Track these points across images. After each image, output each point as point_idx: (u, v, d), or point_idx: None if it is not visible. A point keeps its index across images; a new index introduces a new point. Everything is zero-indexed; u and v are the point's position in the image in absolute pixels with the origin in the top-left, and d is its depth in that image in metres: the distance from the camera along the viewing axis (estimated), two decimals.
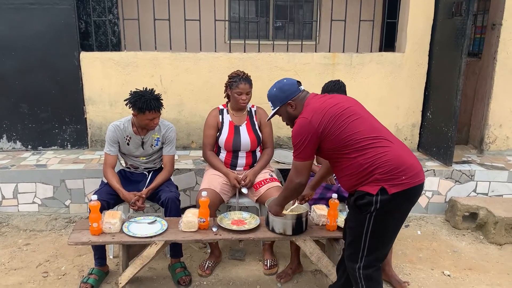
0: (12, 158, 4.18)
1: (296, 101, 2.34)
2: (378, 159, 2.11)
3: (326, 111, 2.21)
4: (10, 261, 3.20)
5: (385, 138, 2.19)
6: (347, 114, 2.21)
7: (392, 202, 2.10)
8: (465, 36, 3.80)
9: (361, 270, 2.25)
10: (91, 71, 4.32)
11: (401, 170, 2.10)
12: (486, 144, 4.63)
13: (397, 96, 4.54)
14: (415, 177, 2.13)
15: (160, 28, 4.34)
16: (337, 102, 2.27)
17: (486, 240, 3.67)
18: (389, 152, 2.12)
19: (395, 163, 2.10)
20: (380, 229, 2.18)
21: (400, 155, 2.14)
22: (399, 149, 2.18)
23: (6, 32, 4.16)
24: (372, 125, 2.22)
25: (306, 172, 2.29)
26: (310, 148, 2.21)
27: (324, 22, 5.57)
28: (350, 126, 2.17)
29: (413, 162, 2.17)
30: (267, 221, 2.66)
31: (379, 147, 2.14)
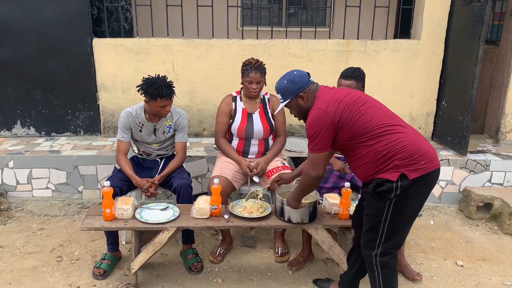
0: (26, 144, 4.22)
1: (307, 93, 2.31)
2: (396, 145, 2.11)
3: (341, 101, 2.20)
4: (24, 245, 3.25)
5: (400, 125, 2.19)
6: (361, 102, 2.21)
7: (412, 188, 2.10)
8: (483, 23, 3.71)
9: (378, 257, 2.25)
10: (104, 57, 4.32)
11: (420, 155, 2.10)
12: (502, 133, 4.55)
13: (411, 84, 4.47)
14: (433, 161, 2.14)
15: (172, 14, 4.31)
16: (349, 92, 2.27)
17: (501, 231, 3.62)
18: (406, 138, 2.13)
19: (413, 149, 2.10)
20: (399, 215, 2.18)
21: (416, 141, 2.14)
22: (414, 135, 2.18)
23: (20, 18, 4.17)
24: (386, 113, 2.23)
25: (323, 164, 2.26)
26: (326, 138, 2.19)
27: (338, 8, 5.48)
28: (366, 114, 2.16)
29: (429, 147, 2.18)
30: (282, 212, 2.63)
31: (396, 133, 2.14)
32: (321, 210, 2.80)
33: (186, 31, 4.39)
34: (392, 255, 2.27)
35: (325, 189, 2.97)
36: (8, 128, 4.45)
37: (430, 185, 2.21)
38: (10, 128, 4.45)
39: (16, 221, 3.63)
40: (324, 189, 2.97)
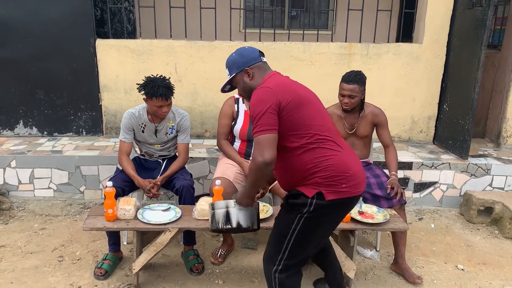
0: (28, 144, 4.23)
1: (254, 70, 2.12)
2: (323, 161, 1.99)
3: (291, 87, 2.06)
4: (26, 245, 3.25)
5: (336, 142, 2.06)
6: (312, 102, 2.07)
7: (326, 208, 2.01)
8: (485, 27, 3.72)
9: (277, 273, 2.11)
10: (107, 58, 4.34)
11: (343, 177, 2.00)
12: (504, 137, 4.55)
13: (413, 87, 4.49)
14: (356, 187, 2.05)
15: (176, 16, 4.33)
16: (305, 88, 2.15)
17: (501, 235, 3.63)
18: (335, 157, 2.02)
19: (338, 169, 2.00)
20: (307, 233, 2.06)
21: (346, 162, 2.04)
22: (346, 156, 2.07)
23: (23, 19, 4.19)
24: (328, 126, 2.09)
25: (271, 147, 1.92)
26: (272, 118, 1.94)
27: (341, 11, 5.50)
28: (310, 115, 2.02)
29: (357, 171, 2.07)
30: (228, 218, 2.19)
31: (327, 149, 2.02)
32: None
33: (189, 33, 4.41)
34: (291, 272, 2.13)
35: None
36: (10, 127, 4.46)
37: (346, 208, 2.16)
38: (13, 128, 4.46)
39: (18, 221, 3.63)
40: None
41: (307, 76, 4.38)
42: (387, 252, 3.31)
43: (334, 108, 3.22)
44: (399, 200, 2.92)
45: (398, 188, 2.95)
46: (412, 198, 4.04)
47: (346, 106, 3.06)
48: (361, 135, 3.19)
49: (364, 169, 2.18)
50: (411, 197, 4.03)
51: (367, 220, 2.67)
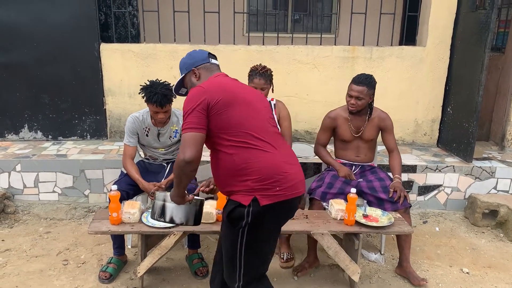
0: (33, 148, 4.25)
1: (200, 70, 2.15)
2: (253, 163, 1.95)
3: (226, 86, 2.04)
4: (31, 249, 3.27)
5: (269, 143, 2.01)
6: (247, 102, 2.05)
7: (264, 214, 1.95)
8: (489, 30, 3.72)
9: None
10: (111, 62, 4.36)
11: (276, 180, 1.95)
12: (508, 140, 4.54)
13: (417, 90, 4.48)
14: (291, 189, 1.99)
15: (179, 20, 4.35)
16: (246, 89, 2.15)
17: (506, 238, 3.61)
18: (266, 158, 1.97)
19: (270, 172, 1.95)
20: (254, 243, 2.01)
21: (278, 164, 1.99)
22: (280, 156, 2.01)
23: (28, 23, 4.22)
24: (264, 127, 2.04)
25: (194, 146, 1.92)
26: (199, 117, 1.94)
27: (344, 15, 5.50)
28: (243, 115, 2.00)
29: (291, 172, 2.01)
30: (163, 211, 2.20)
31: (258, 150, 1.97)
32: (327, 216, 2.81)
33: (193, 37, 4.42)
34: (256, 284, 2.09)
35: (330, 194, 2.98)
36: (15, 132, 4.49)
37: (285, 212, 2.09)
38: (18, 132, 4.49)
39: (23, 225, 3.65)
40: (329, 194, 2.98)
41: (311, 80, 4.40)
42: (391, 255, 3.30)
43: (341, 110, 3.22)
44: (403, 203, 2.92)
45: (401, 192, 2.94)
46: (417, 201, 4.03)
47: (352, 107, 3.06)
48: (367, 139, 3.18)
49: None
50: (416, 200, 4.03)
51: (372, 224, 2.66)
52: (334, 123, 3.21)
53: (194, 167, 1.97)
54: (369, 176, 3.15)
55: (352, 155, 3.24)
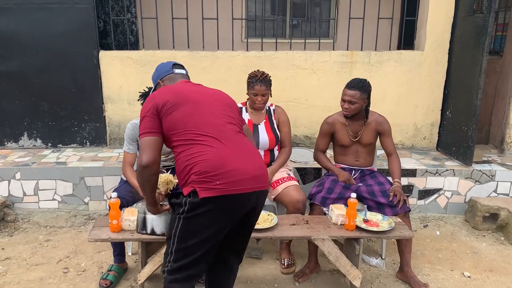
0: (32, 156, 4.25)
1: (165, 82, 2.27)
2: (196, 157, 1.94)
3: (178, 89, 2.12)
4: (31, 257, 3.26)
5: (216, 138, 2.00)
6: (196, 101, 2.08)
7: (202, 207, 1.92)
8: (486, 33, 3.73)
9: (165, 274, 2.06)
10: (110, 69, 4.37)
11: (217, 173, 1.91)
12: (507, 143, 4.55)
13: (416, 94, 4.49)
14: (235, 184, 1.92)
15: (178, 27, 4.37)
16: (201, 91, 2.19)
17: (507, 242, 3.61)
18: (209, 153, 1.95)
19: (212, 165, 1.92)
20: (188, 235, 1.99)
21: (223, 158, 1.95)
22: (226, 151, 1.98)
23: (27, 31, 4.23)
24: (211, 123, 2.04)
25: (148, 150, 1.98)
26: (151, 121, 2.02)
27: (342, 20, 5.53)
28: (187, 112, 2.03)
29: (240, 167, 1.96)
30: (144, 224, 2.31)
31: (203, 145, 1.97)
32: (327, 221, 2.80)
33: (192, 43, 4.44)
34: (176, 278, 2.04)
35: (330, 199, 2.98)
36: (15, 140, 4.49)
37: (225, 209, 1.97)
38: (17, 140, 4.49)
39: (22, 233, 3.64)
40: (330, 199, 2.98)
41: (309, 85, 4.41)
42: (392, 260, 3.29)
43: (338, 115, 3.23)
44: (403, 207, 2.92)
45: (401, 195, 2.94)
46: (417, 205, 4.03)
47: (345, 112, 3.08)
48: (365, 143, 3.19)
49: None
50: (416, 204, 4.02)
51: (372, 228, 2.66)
52: (332, 129, 3.22)
53: (152, 171, 2.00)
54: (369, 181, 3.16)
55: (351, 160, 3.25)
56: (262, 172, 2.06)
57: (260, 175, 2.03)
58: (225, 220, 2.01)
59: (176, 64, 2.34)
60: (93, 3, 4.23)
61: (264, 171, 2.07)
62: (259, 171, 2.03)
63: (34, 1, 4.18)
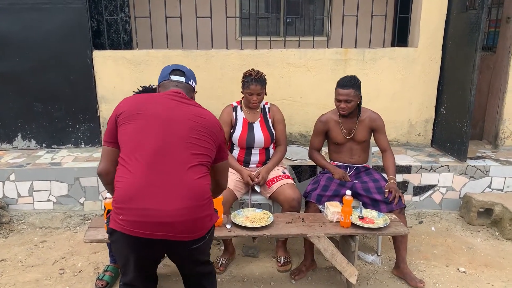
0: (27, 157, 4.23)
1: (160, 88, 2.17)
2: (117, 181, 1.84)
3: (142, 100, 1.98)
4: (27, 258, 3.25)
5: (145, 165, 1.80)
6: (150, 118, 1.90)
7: (111, 235, 1.88)
8: (480, 30, 3.75)
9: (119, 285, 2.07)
10: (104, 69, 4.35)
11: (121, 207, 1.78)
12: (501, 139, 4.57)
13: (410, 91, 4.50)
14: (134, 225, 1.74)
15: (172, 26, 4.35)
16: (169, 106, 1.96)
17: (502, 237, 3.63)
18: (125, 180, 1.80)
19: (122, 195, 1.79)
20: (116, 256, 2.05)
21: (135, 191, 1.77)
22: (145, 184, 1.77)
23: (20, 32, 4.20)
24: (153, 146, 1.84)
25: (102, 160, 1.98)
26: (108, 130, 1.96)
27: (336, 17, 5.54)
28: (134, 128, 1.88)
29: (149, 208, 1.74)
30: None
31: (126, 169, 1.82)
32: (323, 219, 2.81)
33: (186, 42, 4.43)
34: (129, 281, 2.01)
35: (326, 197, 2.98)
36: (9, 141, 4.46)
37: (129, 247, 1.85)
38: (11, 141, 4.46)
39: (18, 234, 3.63)
40: (325, 197, 2.98)
41: (304, 83, 4.41)
42: (388, 257, 3.31)
43: (331, 113, 3.24)
44: (398, 204, 2.93)
45: (396, 192, 2.95)
46: (412, 202, 4.05)
47: (343, 111, 3.08)
48: (359, 140, 3.20)
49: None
50: (411, 200, 4.04)
51: (368, 225, 2.67)
52: (326, 127, 3.23)
53: (106, 181, 2.00)
54: (364, 178, 3.17)
55: (346, 157, 3.26)
56: (183, 219, 1.77)
57: (176, 222, 1.76)
58: (134, 256, 1.89)
59: (176, 70, 2.16)
60: (86, 2, 4.20)
61: (189, 218, 1.79)
62: (176, 217, 1.76)
63: (27, 1, 4.15)
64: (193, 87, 2.20)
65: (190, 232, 1.81)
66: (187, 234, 1.81)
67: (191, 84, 2.18)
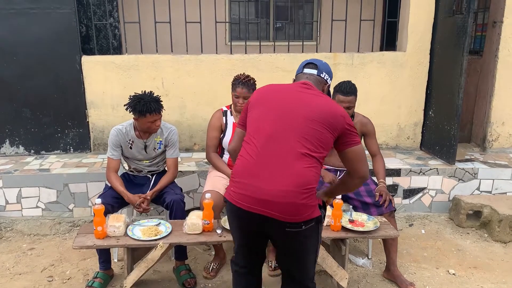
0: (15, 163, 4.18)
1: (295, 80, 2.29)
2: (237, 159, 2.09)
3: (270, 89, 2.18)
4: (15, 266, 3.20)
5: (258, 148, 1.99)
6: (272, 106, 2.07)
7: (226, 202, 2.15)
8: (466, 34, 3.80)
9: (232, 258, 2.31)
10: (93, 74, 4.33)
11: (235, 181, 2.02)
12: (489, 142, 4.62)
13: (399, 95, 4.54)
14: (241, 198, 1.97)
15: (161, 31, 4.35)
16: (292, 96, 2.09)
17: (491, 238, 3.66)
18: (242, 159, 2.03)
19: (236, 171, 2.04)
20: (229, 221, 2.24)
21: (247, 169, 1.99)
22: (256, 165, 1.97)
23: (8, 37, 4.17)
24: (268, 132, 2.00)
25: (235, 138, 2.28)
26: (243, 116, 2.21)
27: (325, 22, 5.57)
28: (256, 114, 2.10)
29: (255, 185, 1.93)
30: None
31: (245, 150, 2.05)
32: None
33: (175, 47, 4.43)
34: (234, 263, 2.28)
35: None
36: None
37: (234, 215, 2.09)
38: None
39: (5, 242, 3.58)
40: None
41: None
42: (379, 260, 3.31)
43: None
44: (388, 207, 2.94)
45: (387, 195, 2.97)
46: (402, 205, 4.07)
47: None
48: None
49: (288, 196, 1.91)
50: (401, 203, 4.06)
51: (358, 228, 2.68)
52: None
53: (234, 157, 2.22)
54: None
55: (336, 161, 3.26)
56: (281, 200, 1.90)
57: (275, 201, 1.90)
58: (237, 225, 2.13)
59: (309, 63, 2.27)
60: (74, 8, 4.19)
61: (284, 201, 1.90)
62: (276, 197, 1.90)
63: (15, 6, 4.13)
64: (325, 79, 2.25)
65: (286, 214, 1.91)
66: (283, 214, 1.91)
67: (323, 77, 2.24)
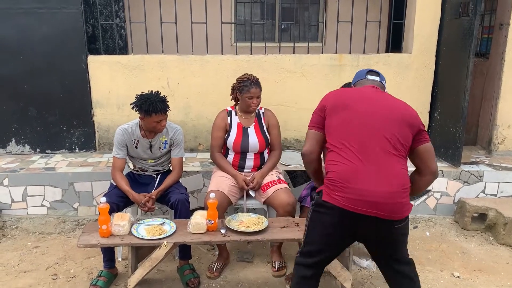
0: (21, 162, 4.21)
1: (356, 86, 2.46)
2: (331, 164, 2.16)
3: (343, 94, 2.31)
4: (20, 264, 3.22)
5: (356, 154, 2.10)
6: (355, 109, 2.18)
7: (321, 207, 2.16)
8: (473, 36, 3.78)
9: (296, 256, 2.33)
10: (99, 74, 4.35)
11: (340, 185, 2.07)
12: (495, 144, 4.60)
13: (404, 97, 4.42)
14: (351, 202, 2.05)
15: (167, 31, 4.36)
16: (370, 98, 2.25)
17: (496, 241, 3.64)
18: (343, 165, 2.10)
19: (339, 176, 2.09)
20: (312, 225, 2.23)
21: (353, 174, 2.07)
22: (358, 169, 2.08)
23: (15, 36, 4.20)
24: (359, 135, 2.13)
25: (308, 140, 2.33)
26: (316, 117, 2.31)
27: (330, 24, 5.56)
28: (340, 119, 2.19)
29: (363, 188, 2.04)
30: None
31: (340, 156, 2.12)
32: None
33: (181, 47, 4.44)
34: (302, 261, 2.28)
35: None
36: (2, 145, 4.44)
37: (336, 219, 2.12)
38: (5, 146, 4.44)
39: (11, 239, 3.60)
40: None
41: (299, 88, 4.42)
42: None
43: None
44: None
45: None
46: None
47: None
48: None
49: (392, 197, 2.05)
50: None
51: None
52: None
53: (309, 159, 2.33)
54: None
55: None
56: (389, 201, 2.04)
57: (383, 202, 2.03)
58: (335, 228, 2.16)
59: (371, 71, 2.47)
60: (81, 8, 4.21)
61: (392, 201, 2.04)
62: (386, 199, 2.03)
63: (22, 6, 4.15)
64: (384, 86, 2.48)
65: (394, 213, 2.06)
66: (392, 214, 2.06)
67: (384, 84, 2.48)
